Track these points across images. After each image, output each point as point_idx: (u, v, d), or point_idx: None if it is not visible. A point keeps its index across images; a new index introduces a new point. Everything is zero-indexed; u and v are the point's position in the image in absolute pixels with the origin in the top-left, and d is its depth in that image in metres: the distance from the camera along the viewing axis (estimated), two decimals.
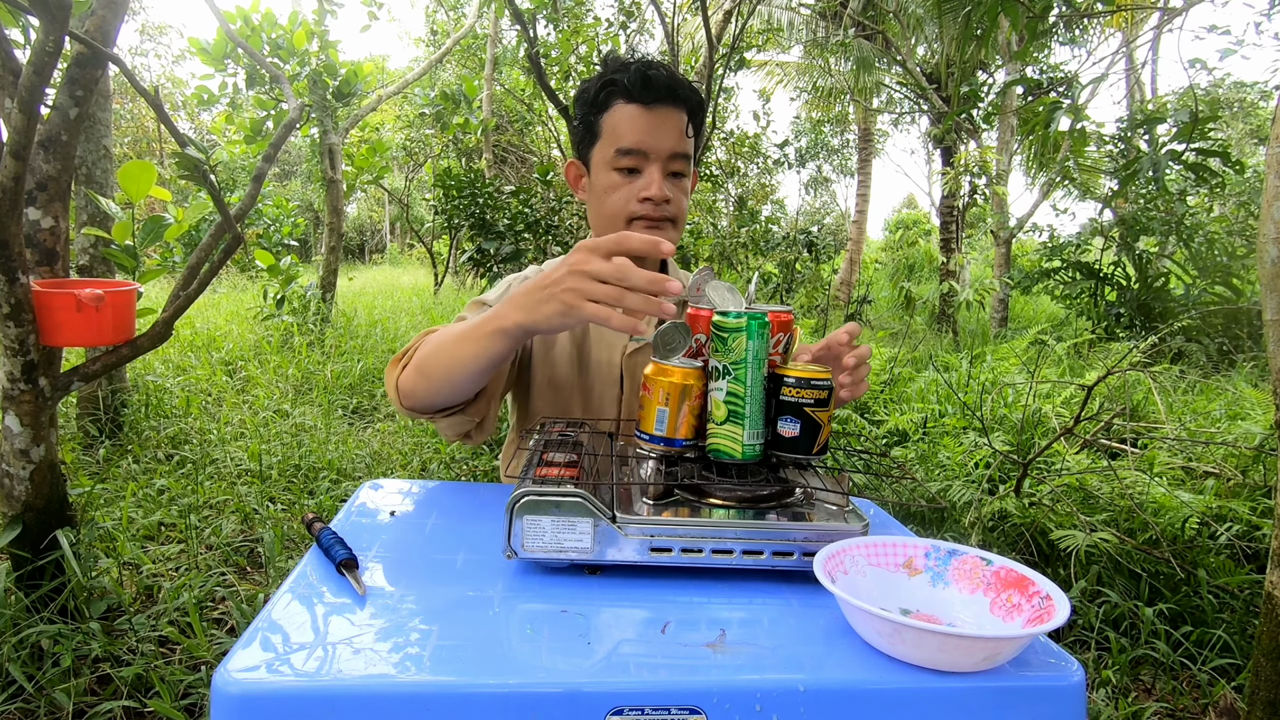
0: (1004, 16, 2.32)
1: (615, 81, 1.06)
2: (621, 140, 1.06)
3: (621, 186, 1.08)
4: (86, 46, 1.63)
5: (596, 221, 1.14)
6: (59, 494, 1.80)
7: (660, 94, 1.05)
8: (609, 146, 1.07)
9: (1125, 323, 6.24)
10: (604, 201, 1.09)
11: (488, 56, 9.83)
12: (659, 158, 1.07)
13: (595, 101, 1.08)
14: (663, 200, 1.07)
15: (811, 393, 0.80)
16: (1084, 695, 0.62)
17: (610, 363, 1.15)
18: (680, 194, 1.10)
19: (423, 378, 0.93)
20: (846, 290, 10.88)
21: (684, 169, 1.10)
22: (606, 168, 1.08)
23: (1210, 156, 3.82)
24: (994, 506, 2.50)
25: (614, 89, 1.07)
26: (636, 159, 1.06)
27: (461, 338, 0.86)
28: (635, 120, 1.06)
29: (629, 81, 1.05)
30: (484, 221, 4.90)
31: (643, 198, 1.06)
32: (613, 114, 1.07)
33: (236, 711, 0.54)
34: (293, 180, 19.33)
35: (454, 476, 3.31)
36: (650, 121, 1.06)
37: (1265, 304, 1.51)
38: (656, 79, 1.05)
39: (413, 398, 0.96)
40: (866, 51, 8.95)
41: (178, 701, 1.59)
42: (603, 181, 1.09)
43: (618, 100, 1.07)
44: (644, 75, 1.05)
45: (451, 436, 1.05)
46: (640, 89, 1.05)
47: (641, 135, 1.05)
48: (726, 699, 0.57)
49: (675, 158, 1.08)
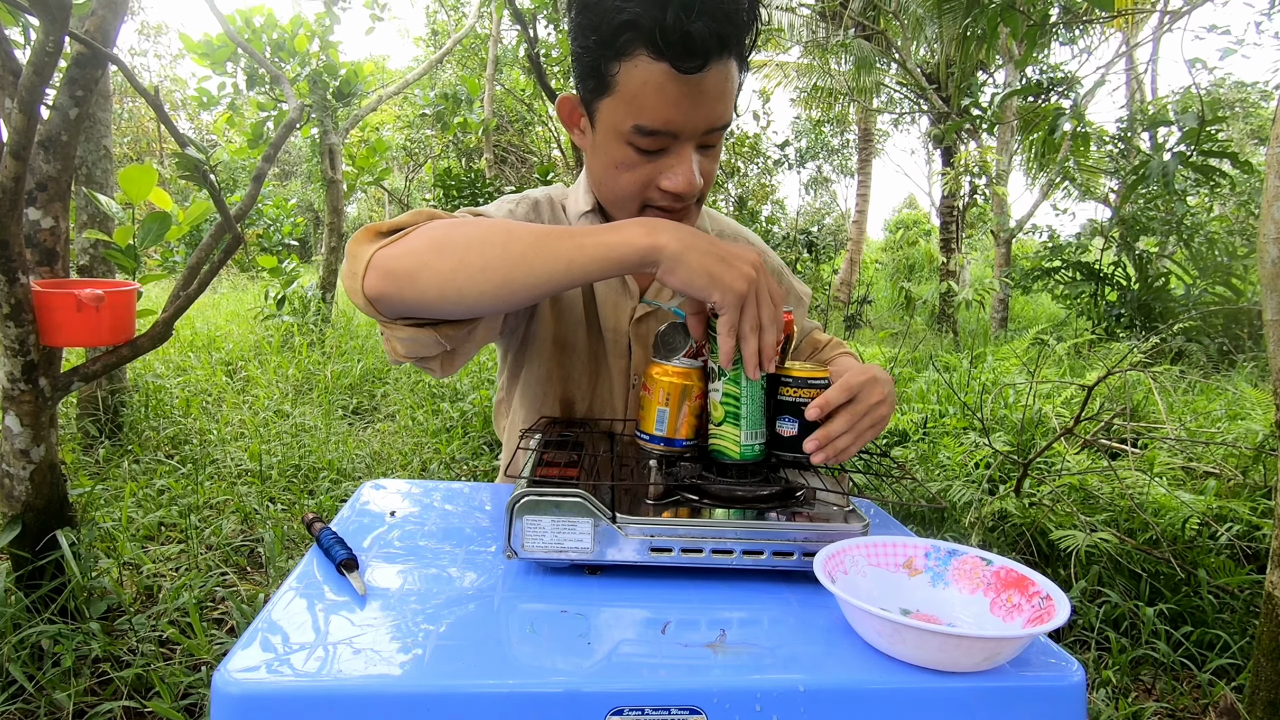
0: (1003, 25, 2.32)
1: (640, 25, 0.73)
2: (644, 117, 0.77)
3: (638, 166, 0.82)
4: (86, 46, 1.63)
5: (601, 189, 0.90)
6: (59, 494, 1.80)
7: (705, 56, 0.73)
8: (626, 116, 0.78)
9: (1125, 323, 6.24)
10: (615, 178, 0.84)
11: (488, 56, 9.83)
12: (693, 136, 0.80)
13: (609, 40, 0.75)
14: (692, 191, 0.83)
15: (810, 392, 0.80)
16: (1084, 695, 0.62)
17: (618, 330, 1.00)
18: (711, 166, 0.85)
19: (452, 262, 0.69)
20: (846, 290, 10.89)
21: (719, 139, 0.84)
22: (619, 139, 0.81)
23: (1218, 158, 3.82)
24: (994, 506, 2.50)
25: (638, 35, 0.74)
26: (662, 140, 0.79)
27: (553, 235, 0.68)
28: (665, 91, 0.75)
29: (662, 39, 0.72)
30: None
31: (665, 188, 0.83)
32: (634, 68, 0.75)
33: (236, 711, 0.54)
34: (293, 180, 19.33)
35: (454, 476, 3.31)
36: (686, 94, 0.76)
37: (1265, 304, 1.51)
38: (701, 37, 0.72)
39: (410, 282, 0.70)
40: (866, 51, 8.95)
41: (178, 702, 1.59)
42: (613, 154, 0.82)
43: (641, 51, 0.74)
44: (685, 33, 0.71)
45: (403, 354, 0.79)
46: (678, 51, 0.73)
47: (673, 114, 0.77)
48: (726, 699, 0.57)
49: (713, 131, 0.81)
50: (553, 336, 1.00)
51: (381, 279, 0.70)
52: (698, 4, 0.71)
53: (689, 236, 0.68)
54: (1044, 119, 4.63)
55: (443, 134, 9.59)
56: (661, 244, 0.67)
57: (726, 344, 0.69)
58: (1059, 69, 8.15)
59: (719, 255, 0.67)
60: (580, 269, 0.68)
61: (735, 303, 0.67)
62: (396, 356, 0.80)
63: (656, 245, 0.67)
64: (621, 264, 0.68)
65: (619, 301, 1.00)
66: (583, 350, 1.01)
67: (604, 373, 1.02)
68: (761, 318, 0.69)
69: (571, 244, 0.68)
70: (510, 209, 0.97)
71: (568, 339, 1.00)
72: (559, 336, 1.00)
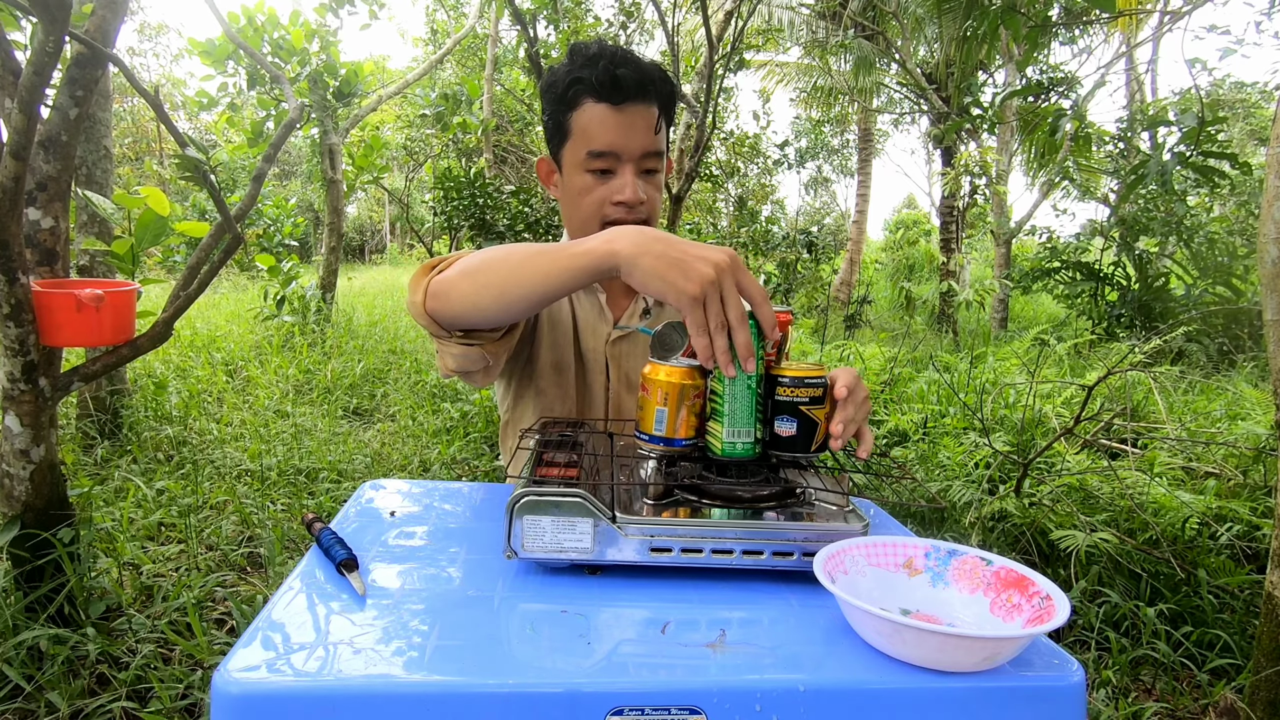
0: (1004, 27, 2.32)
1: (582, 79, 1.01)
2: (593, 143, 1.03)
3: (595, 189, 1.05)
4: (86, 46, 1.63)
5: (571, 222, 1.11)
6: (59, 494, 1.80)
7: (630, 93, 1.01)
8: (580, 148, 1.04)
9: (1125, 323, 6.24)
10: (578, 204, 1.07)
11: (488, 56, 9.83)
12: (631, 158, 1.04)
13: (563, 98, 1.04)
14: (637, 203, 1.05)
15: (806, 391, 0.80)
16: (1084, 695, 0.62)
17: (596, 350, 1.15)
18: (654, 191, 1.08)
19: (470, 282, 0.84)
20: (846, 290, 10.88)
21: (657, 165, 1.08)
22: (578, 169, 1.05)
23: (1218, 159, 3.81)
24: (994, 506, 2.50)
25: (581, 86, 1.02)
26: (609, 161, 1.04)
27: (538, 252, 0.81)
28: (605, 121, 1.02)
29: (597, 80, 1.00)
30: (484, 221, 4.90)
31: (616, 201, 1.05)
32: (582, 113, 1.03)
33: (236, 711, 0.54)
34: (293, 180, 19.33)
35: (454, 476, 3.31)
36: (621, 122, 1.02)
37: (1265, 304, 1.51)
38: (625, 79, 1.00)
39: (446, 301, 0.86)
40: (866, 51, 8.95)
41: (177, 702, 1.59)
42: (575, 183, 1.06)
43: (586, 99, 1.02)
44: (612, 75, 1.00)
45: (453, 368, 0.96)
46: (610, 89, 1.01)
47: (613, 137, 1.02)
48: (726, 699, 0.57)
49: (647, 156, 1.05)
50: (549, 360, 1.13)
51: (432, 300, 0.88)
52: (621, 60, 1.01)
53: (646, 240, 0.74)
54: (1044, 119, 4.63)
55: (442, 134, 9.59)
56: (618, 249, 0.74)
57: (698, 343, 0.72)
58: (1059, 69, 8.15)
59: (673, 257, 0.72)
60: (556, 279, 0.79)
61: (690, 304, 0.70)
62: (447, 370, 0.97)
63: (613, 250, 0.75)
64: (587, 271, 0.77)
65: (597, 326, 1.15)
66: (572, 371, 1.14)
67: (587, 391, 1.15)
68: (727, 316, 0.72)
69: (549, 259, 0.79)
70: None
71: (560, 361, 1.14)
72: (554, 360, 1.14)
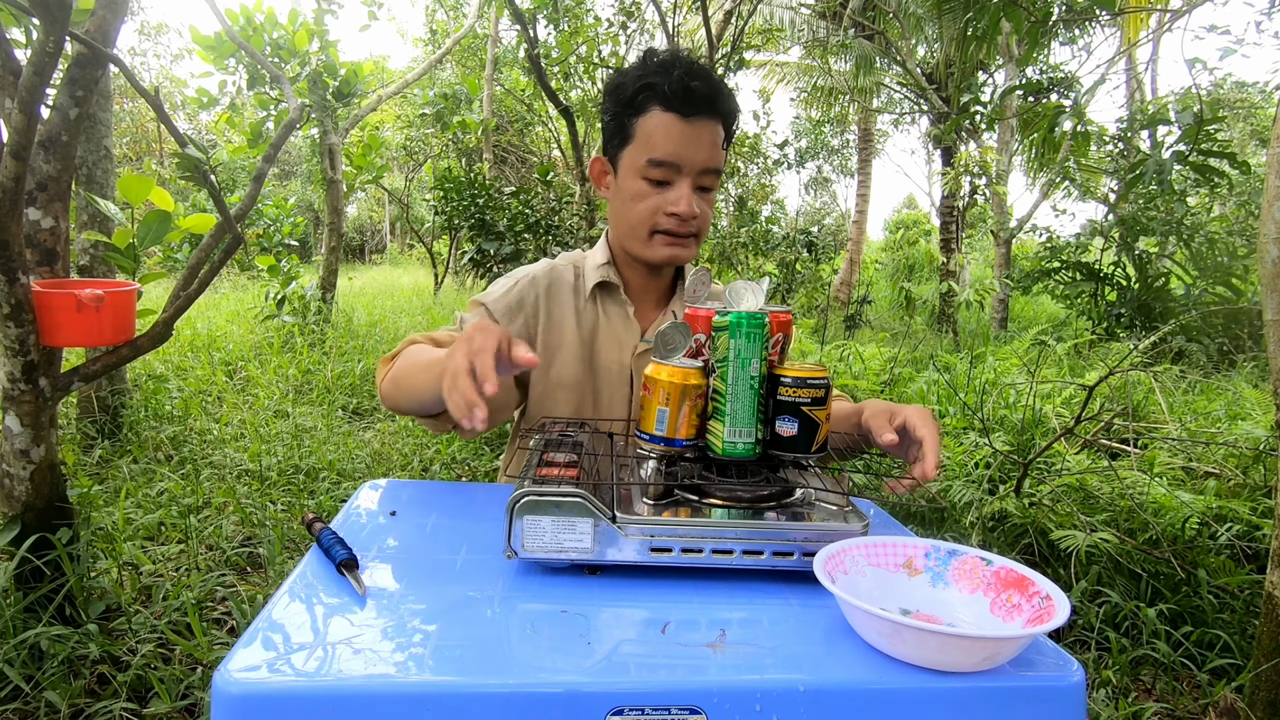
0: (1005, 21, 2.32)
1: (654, 86, 1.01)
2: (655, 151, 1.02)
3: (649, 196, 1.05)
4: (86, 46, 1.63)
5: (619, 225, 1.12)
6: (59, 494, 1.80)
7: (700, 107, 1.01)
8: (641, 154, 1.04)
9: (1125, 323, 6.24)
10: (630, 209, 1.07)
11: (488, 56, 9.83)
12: (691, 171, 1.04)
13: (630, 101, 1.03)
14: (690, 216, 1.05)
15: (808, 391, 0.80)
16: (1084, 695, 0.62)
17: (620, 363, 1.15)
18: (706, 206, 1.08)
19: (396, 390, 0.99)
20: (846, 290, 10.88)
21: (713, 183, 1.08)
22: (635, 174, 1.05)
23: (1216, 158, 3.81)
24: (994, 506, 2.50)
25: (652, 93, 1.02)
26: (668, 171, 1.03)
27: (425, 367, 0.90)
28: (671, 131, 1.02)
29: (670, 90, 1.00)
30: (484, 222, 4.90)
31: (670, 212, 1.05)
32: (648, 119, 1.03)
33: (237, 711, 0.54)
34: (293, 180, 19.32)
35: (454, 476, 3.31)
36: (686, 134, 1.02)
37: (1265, 304, 1.51)
38: (698, 91, 1.00)
39: (391, 402, 1.02)
40: (867, 51, 8.94)
41: (177, 702, 1.59)
42: (630, 188, 1.07)
43: (654, 105, 1.02)
44: (686, 86, 1.00)
45: (436, 431, 1.06)
46: (681, 100, 1.00)
47: (676, 148, 1.02)
48: (726, 699, 0.57)
49: (706, 172, 1.05)
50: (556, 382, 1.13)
51: (384, 400, 1.03)
52: (697, 73, 1.01)
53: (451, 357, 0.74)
54: (1044, 118, 4.62)
55: (442, 134, 9.59)
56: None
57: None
58: (1059, 69, 8.15)
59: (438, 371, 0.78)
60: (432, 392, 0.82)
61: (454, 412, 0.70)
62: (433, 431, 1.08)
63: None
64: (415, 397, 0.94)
65: (622, 337, 1.16)
66: (586, 387, 1.14)
67: (604, 406, 1.15)
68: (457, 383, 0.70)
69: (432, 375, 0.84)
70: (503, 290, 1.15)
71: (566, 378, 1.14)
72: (561, 380, 1.13)
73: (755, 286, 0.88)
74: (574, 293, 1.16)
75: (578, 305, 1.16)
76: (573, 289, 1.17)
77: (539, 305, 1.14)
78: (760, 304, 0.86)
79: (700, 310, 0.90)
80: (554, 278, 1.17)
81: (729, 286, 0.88)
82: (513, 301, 1.14)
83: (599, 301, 1.16)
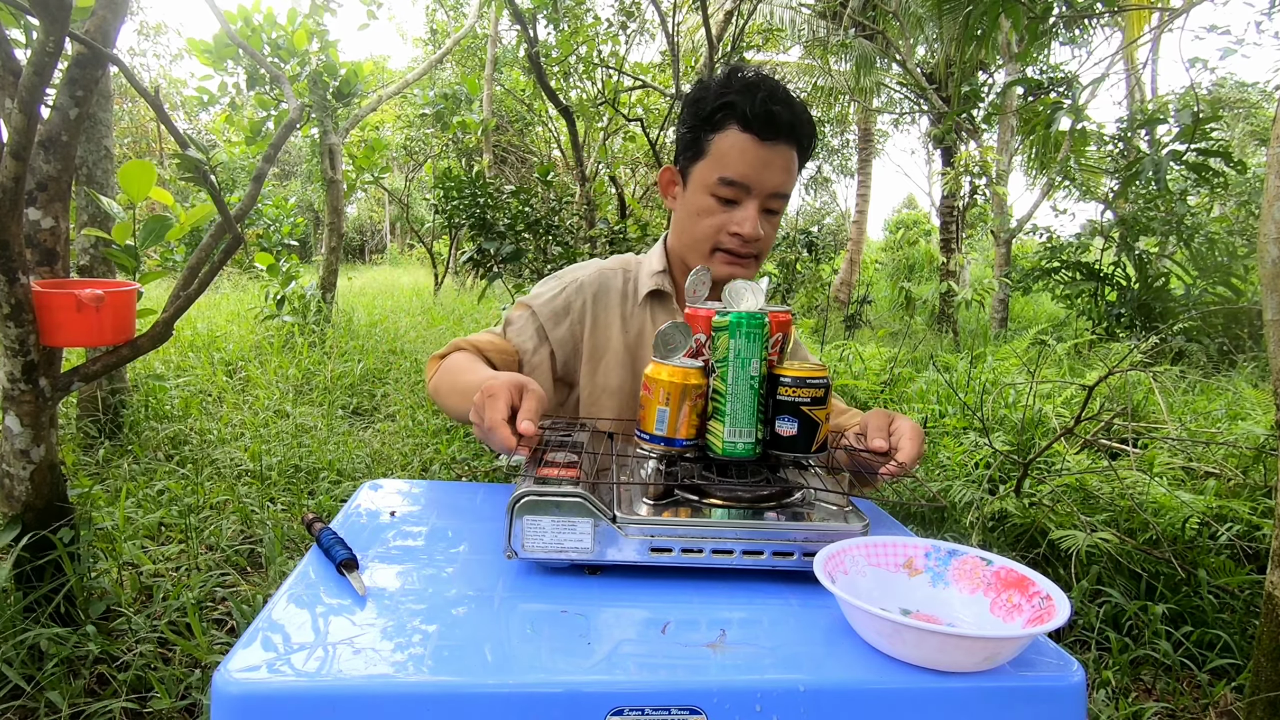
0: (1005, 17, 2.31)
1: (735, 105, 1.01)
2: (727, 170, 1.03)
3: (716, 214, 1.06)
4: (86, 46, 1.63)
5: (681, 237, 1.13)
6: (59, 494, 1.80)
7: (778, 132, 1.02)
8: (713, 171, 1.04)
9: (1125, 323, 6.24)
10: (695, 223, 1.08)
11: (488, 56, 9.83)
12: (760, 194, 1.05)
13: (709, 118, 1.04)
14: (753, 239, 1.05)
15: (808, 391, 0.80)
16: (1084, 695, 0.62)
17: None
18: (771, 229, 1.09)
19: (438, 398, 1.06)
20: (846, 290, 10.88)
21: (780, 207, 1.08)
22: (705, 190, 1.06)
23: (1212, 157, 3.81)
24: (994, 506, 2.50)
25: (731, 112, 1.02)
26: (738, 191, 1.04)
27: (460, 393, 0.95)
28: (746, 153, 1.02)
29: (751, 112, 1.00)
30: (484, 221, 4.90)
31: (733, 232, 1.05)
32: (724, 137, 1.03)
33: (236, 711, 0.54)
34: (293, 180, 19.32)
35: (454, 477, 3.30)
36: (761, 157, 1.02)
37: (1265, 304, 1.51)
38: (779, 116, 1.01)
39: (437, 401, 1.07)
40: (867, 51, 8.94)
41: (177, 702, 1.59)
42: (698, 203, 1.07)
43: (733, 124, 1.02)
44: (768, 110, 1.00)
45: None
46: (761, 123, 1.01)
47: (749, 170, 1.03)
48: (726, 699, 0.57)
49: (776, 196, 1.06)
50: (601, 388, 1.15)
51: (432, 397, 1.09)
52: (780, 98, 1.01)
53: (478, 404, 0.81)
54: (1042, 116, 4.62)
55: (442, 133, 9.59)
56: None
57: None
58: (1059, 69, 8.14)
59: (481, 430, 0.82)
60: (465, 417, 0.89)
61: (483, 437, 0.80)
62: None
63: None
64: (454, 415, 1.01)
65: None
66: (630, 392, 1.15)
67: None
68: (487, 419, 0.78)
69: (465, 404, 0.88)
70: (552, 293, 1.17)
71: (611, 385, 1.16)
72: (606, 386, 1.16)
73: (755, 286, 0.88)
74: (622, 298, 1.17)
75: (625, 311, 1.17)
76: (621, 294, 1.18)
77: (585, 311, 1.15)
78: (760, 304, 0.86)
79: (700, 310, 0.90)
80: (602, 283, 1.18)
81: (728, 286, 0.88)
82: (559, 307, 1.15)
83: (650, 308, 1.17)
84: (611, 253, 3.52)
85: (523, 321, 1.15)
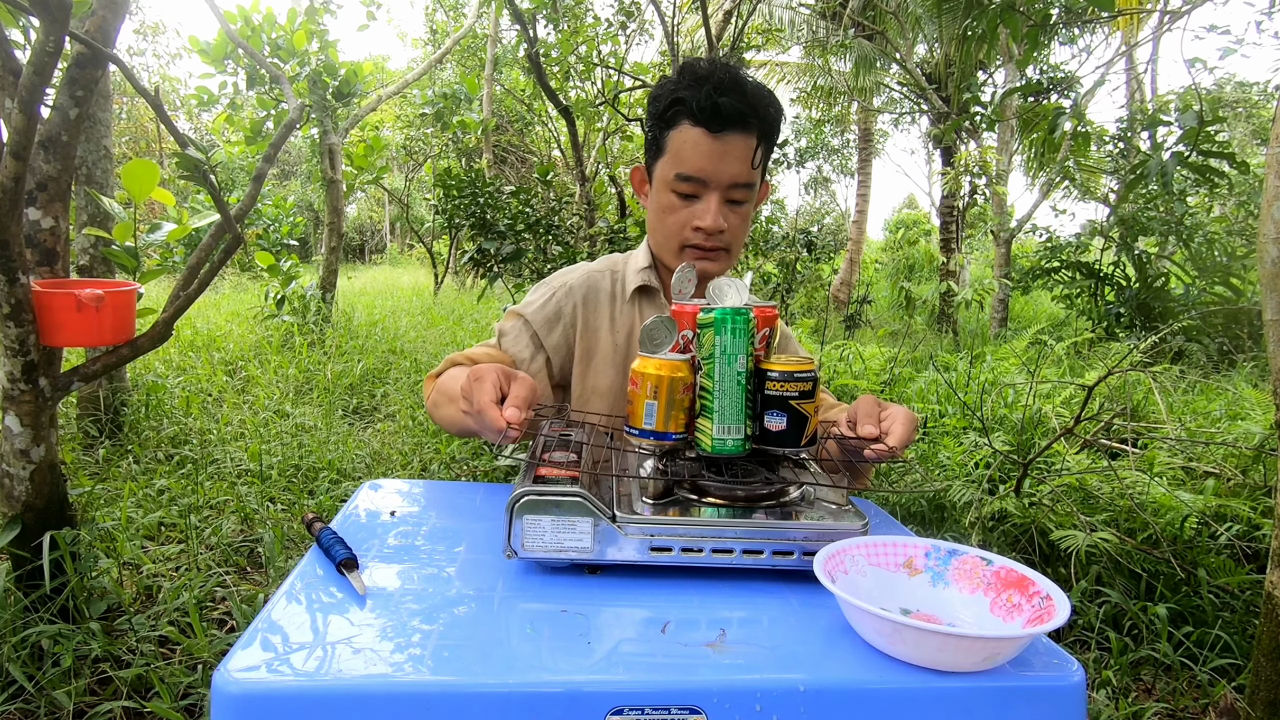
0: (1003, 26, 2.31)
1: (683, 100, 1.01)
2: (683, 165, 1.03)
3: (678, 210, 1.07)
4: (86, 46, 1.63)
5: (654, 235, 1.14)
6: (59, 494, 1.80)
7: (729, 122, 1.01)
8: (670, 168, 1.05)
9: (1125, 323, 6.24)
10: (662, 220, 1.09)
11: (488, 56, 9.83)
12: (719, 187, 1.04)
13: (663, 115, 1.05)
14: (716, 231, 1.06)
15: (796, 385, 0.80)
16: (1084, 695, 0.62)
17: None
18: (738, 221, 1.08)
19: (436, 414, 1.08)
20: (846, 290, 10.88)
21: (745, 196, 1.07)
22: (666, 187, 1.07)
23: (1216, 158, 3.81)
24: (994, 506, 2.50)
25: (681, 107, 1.02)
26: (695, 186, 1.04)
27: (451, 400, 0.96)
28: (699, 146, 1.02)
29: (698, 106, 1.00)
30: (484, 221, 4.90)
31: (696, 227, 1.06)
32: (678, 133, 1.03)
33: (236, 711, 0.54)
34: (293, 180, 19.32)
35: (454, 476, 3.30)
36: (714, 150, 1.02)
37: (1265, 304, 1.51)
38: (726, 107, 0.99)
39: (436, 422, 1.10)
40: (867, 51, 8.94)
41: (177, 701, 1.59)
42: (661, 200, 1.09)
43: (684, 120, 1.02)
44: (714, 102, 0.99)
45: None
46: (708, 116, 1.00)
47: (703, 164, 1.02)
48: (726, 699, 0.57)
49: (736, 186, 1.05)
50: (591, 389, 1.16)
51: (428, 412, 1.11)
52: (728, 87, 0.99)
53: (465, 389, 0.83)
54: (1044, 119, 4.61)
55: (442, 133, 9.59)
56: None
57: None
58: (1059, 69, 8.14)
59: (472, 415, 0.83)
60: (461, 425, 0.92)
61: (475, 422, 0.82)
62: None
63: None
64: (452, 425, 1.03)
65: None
66: (620, 390, 1.16)
67: None
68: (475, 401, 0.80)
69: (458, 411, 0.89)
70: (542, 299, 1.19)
71: (601, 385, 1.16)
72: (596, 387, 1.16)
73: (739, 283, 0.88)
74: (610, 298, 1.18)
75: (613, 311, 1.17)
76: (609, 295, 1.19)
77: (576, 314, 1.16)
78: (744, 299, 0.86)
79: (686, 307, 0.89)
80: (590, 285, 1.19)
81: (712, 283, 0.89)
82: (551, 313, 1.16)
83: (638, 305, 1.17)
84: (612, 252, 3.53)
85: (516, 331, 1.15)
